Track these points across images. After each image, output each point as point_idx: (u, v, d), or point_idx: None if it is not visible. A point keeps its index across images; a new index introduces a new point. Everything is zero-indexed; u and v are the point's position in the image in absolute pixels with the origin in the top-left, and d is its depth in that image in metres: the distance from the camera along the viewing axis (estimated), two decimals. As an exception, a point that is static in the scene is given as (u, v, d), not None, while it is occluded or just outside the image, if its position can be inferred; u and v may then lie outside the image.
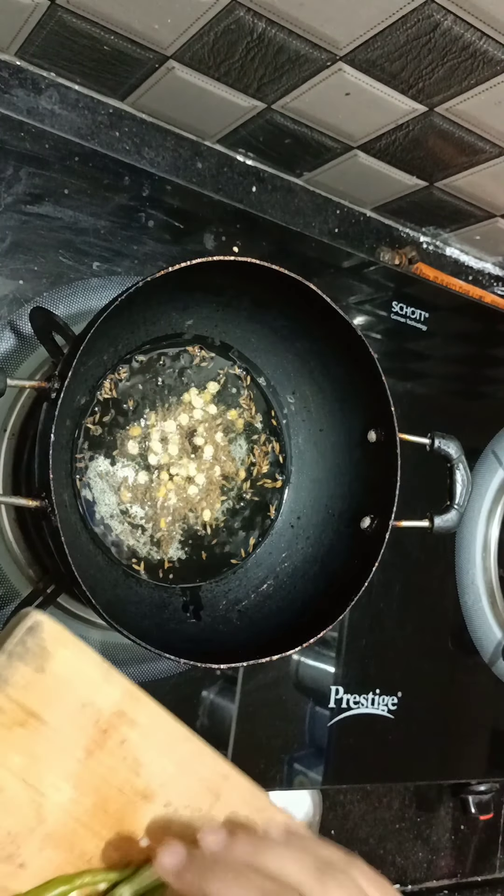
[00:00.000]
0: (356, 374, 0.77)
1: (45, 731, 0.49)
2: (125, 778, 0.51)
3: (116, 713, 0.51)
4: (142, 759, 0.52)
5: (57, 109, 0.85)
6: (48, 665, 0.49)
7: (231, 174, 0.95)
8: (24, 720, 0.48)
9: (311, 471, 0.83)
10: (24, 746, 0.48)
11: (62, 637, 0.49)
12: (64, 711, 0.49)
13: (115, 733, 0.51)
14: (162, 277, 0.66)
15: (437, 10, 0.68)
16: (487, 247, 1.10)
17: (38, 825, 0.48)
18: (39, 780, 0.48)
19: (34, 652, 0.48)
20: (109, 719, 0.51)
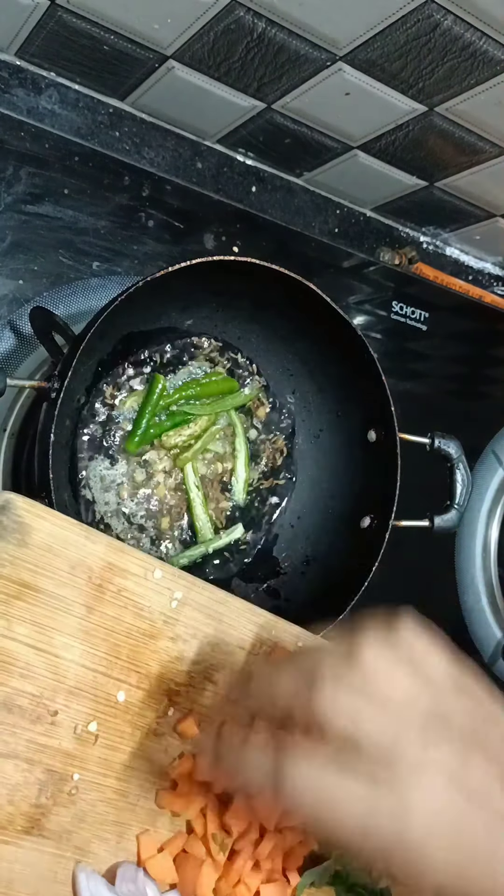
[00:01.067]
0: (356, 374, 0.77)
1: (43, 598, 0.51)
2: (130, 623, 0.55)
3: (106, 566, 0.54)
4: (140, 602, 0.55)
5: (57, 109, 0.85)
6: (29, 538, 0.51)
7: (231, 174, 0.95)
8: (19, 592, 0.50)
9: (311, 471, 0.83)
10: (25, 616, 0.50)
11: (35, 509, 0.52)
12: (55, 576, 0.52)
13: (109, 585, 0.54)
14: (162, 277, 0.66)
15: (437, 10, 0.68)
16: (487, 247, 1.10)
17: (58, 683, 0.51)
18: (49, 643, 0.51)
19: (12, 528, 0.50)
20: (101, 574, 0.54)
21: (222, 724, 0.50)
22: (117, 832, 0.53)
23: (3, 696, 0.49)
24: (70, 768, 0.51)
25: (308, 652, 0.49)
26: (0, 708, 0.49)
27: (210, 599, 0.59)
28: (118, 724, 0.54)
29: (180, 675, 0.57)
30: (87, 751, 0.52)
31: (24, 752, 0.49)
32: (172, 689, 0.56)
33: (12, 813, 0.48)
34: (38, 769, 0.50)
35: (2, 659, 0.49)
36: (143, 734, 0.54)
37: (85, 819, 0.51)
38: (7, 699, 0.49)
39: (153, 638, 0.56)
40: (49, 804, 0.50)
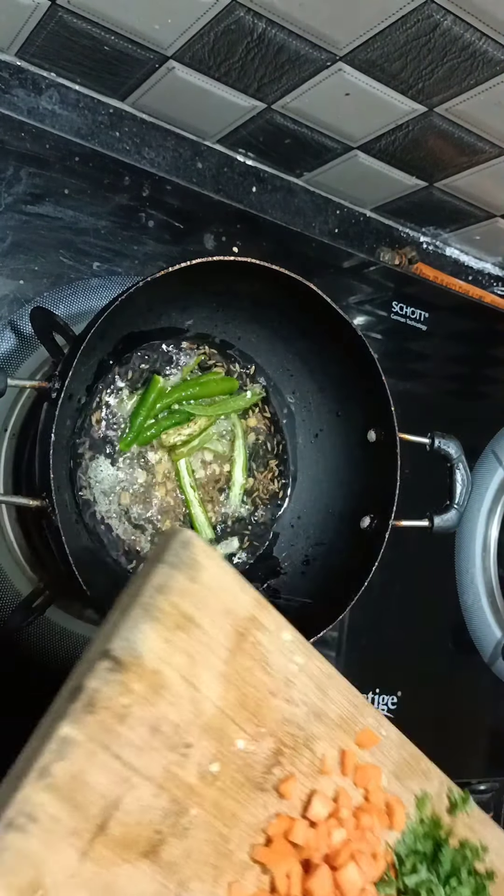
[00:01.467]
0: (356, 374, 0.77)
1: (199, 634, 0.53)
2: (259, 676, 0.57)
3: (250, 618, 0.56)
4: (269, 658, 0.58)
5: (57, 109, 0.85)
6: (198, 575, 0.54)
7: (231, 174, 0.95)
8: (183, 624, 0.53)
9: (311, 471, 0.83)
10: (183, 647, 0.53)
11: (208, 551, 0.55)
12: (212, 616, 0.54)
13: (249, 636, 0.56)
14: (162, 277, 0.66)
15: (437, 10, 0.68)
16: (487, 247, 1.10)
17: (196, 718, 0.53)
18: (196, 678, 0.53)
19: (187, 563, 0.53)
20: (245, 624, 0.56)
21: None
22: (213, 876, 0.54)
23: (153, 718, 0.51)
24: (190, 803, 0.52)
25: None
26: (148, 729, 0.50)
27: (321, 672, 0.61)
28: (233, 770, 0.55)
29: (288, 736, 0.58)
30: (206, 790, 0.53)
31: (158, 777, 0.51)
32: (279, 749, 0.58)
33: (139, 834, 0.49)
34: (165, 796, 0.51)
35: (158, 682, 0.51)
36: (251, 787, 0.56)
37: (191, 856, 0.52)
38: (155, 722, 0.51)
39: (273, 695, 0.57)
40: (167, 833, 0.51)
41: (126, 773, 0.49)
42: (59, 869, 0.46)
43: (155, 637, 0.51)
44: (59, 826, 0.46)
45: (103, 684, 0.49)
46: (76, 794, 0.47)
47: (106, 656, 0.50)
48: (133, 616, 0.51)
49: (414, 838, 0.64)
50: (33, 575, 0.76)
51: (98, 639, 0.51)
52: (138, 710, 0.50)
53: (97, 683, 0.49)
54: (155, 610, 0.52)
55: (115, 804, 0.48)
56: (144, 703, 0.50)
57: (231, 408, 0.80)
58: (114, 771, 0.49)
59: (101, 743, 0.48)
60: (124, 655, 0.50)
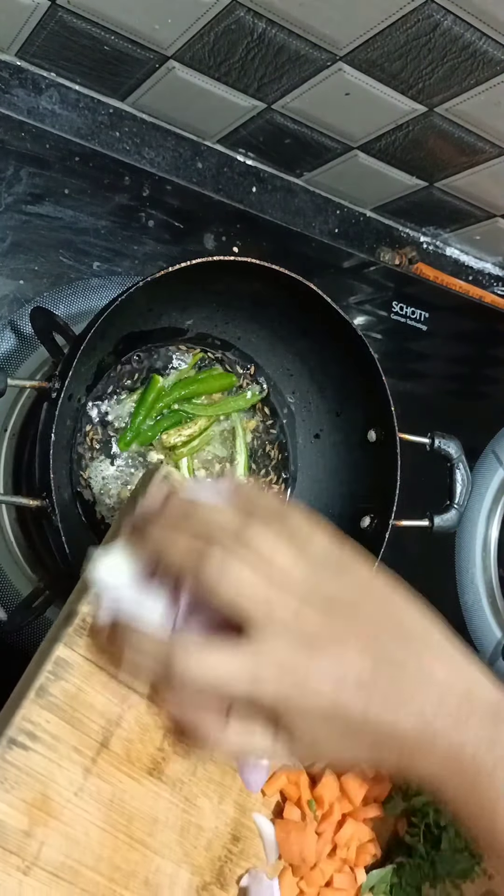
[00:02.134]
0: (356, 374, 0.77)
1: None
2: None
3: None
4: None
5: (57, 109, 0.85)
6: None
7: (231, 174, 0.95)
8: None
9: (311, 471, 0.83)
10: None
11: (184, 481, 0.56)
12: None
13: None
14: (162, 277, 0.66)
15: (437, 10, 0.68)
16: (487, 247, 1.10)
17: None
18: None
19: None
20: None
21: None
22: (219, 793, 0.56)
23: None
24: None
25: (201, 513, 0.49)
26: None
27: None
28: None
29: None
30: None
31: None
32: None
33: (140, 751, 0.51)
34: (164, 715, 0.52)
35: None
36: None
37: (195, 773, 0.54)
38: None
39: None
40: (168, 751, 0.53)
41: (124, 692, 0.50)
42: (66, 784, 0.47)
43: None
44: (60, 743, 0.48)
45: (95, 608, 0.50)
46: (76, 712, 0.48)
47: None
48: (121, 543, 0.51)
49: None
50: (33, 575, 0.76)
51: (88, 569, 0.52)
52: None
53: (89, 608, 0.50)
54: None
55: (116, 722, 0.50)
56: None
57: (231, 408, 0.80)
58: (112, 690, 0.50)
59: (97, 663, 0.50)
60: None
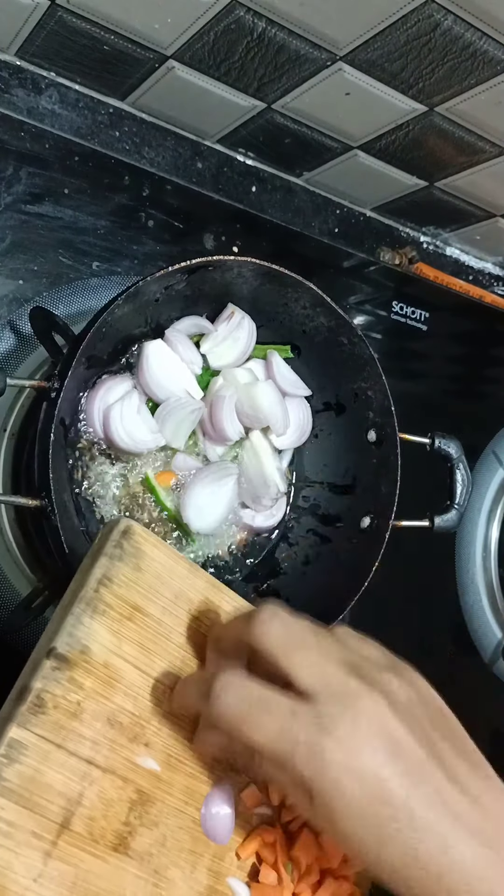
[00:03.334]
0: (356, 374, 0.77)
1: (149, 622, 0.53)
2: None
3: (203, 601, 0.57)
4: None
5: (57, 109, 0.85)
6: (143, 563, 0.54)
7: (231, 174, 0.95)
8: (131, 614, 0.53)
9: (311, 471, 0.83)
10: (133, 637, 0.52)
11: (150, 538, 0.55)
12: (162, 604, 0.54)
13: (204, 619, 0.56)
14: (161, 277, 0.66)
15: (437, 10, 0.68)
16: (487, 247, 1.10)
17: (155, 707, 0.53)
18: (150, 667, 0.53)
19: (130, 553, 0.53)
20: (199, 607, 0.56)
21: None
22: (191, 861, 0.53)
23: (108, 711, 0.50)
24: (158, 791, 0.52)
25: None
26: (105, 723, 0.50)
27: None
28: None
29: None
30: (174, 777, 0.53)
31: (120, 770, 0.50)
32: None
33: (104, 828, 0.49)
34: (130, 788, 0.51)
35: (109, 675, 0.51)
36: (221, 768, 0.56)
37: (165, 844, 0.52)
38: (111, 714, 0.50)
39: None
40: (136, 824, 0.51)
41: (85, 768, 0.49)
42: (23, 872, 0.45)
43: (102, 630, 0.51)
44: (17, 830, 0.45)
45: (50, 683, 0.48)
46: (32, 795, 0.46)
47: (51, 654, 0.49)
48: (76, 612, 0.51)
49: None
50: (33, 575, 0.76)
51: (42, 639, 0.51)
52: (92, 705, 0.50)
53: (43, 683, 0.48)
54: (99, 603, 0.51)
55: (77, 800, 0.48)
56: (98, 697, 0.50)
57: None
58: (71, 768, 0.48)
59: (54, 742, 0.48)
60: (69, 652, 0.49)
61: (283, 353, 0.79)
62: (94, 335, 0.64)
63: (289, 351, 0.79)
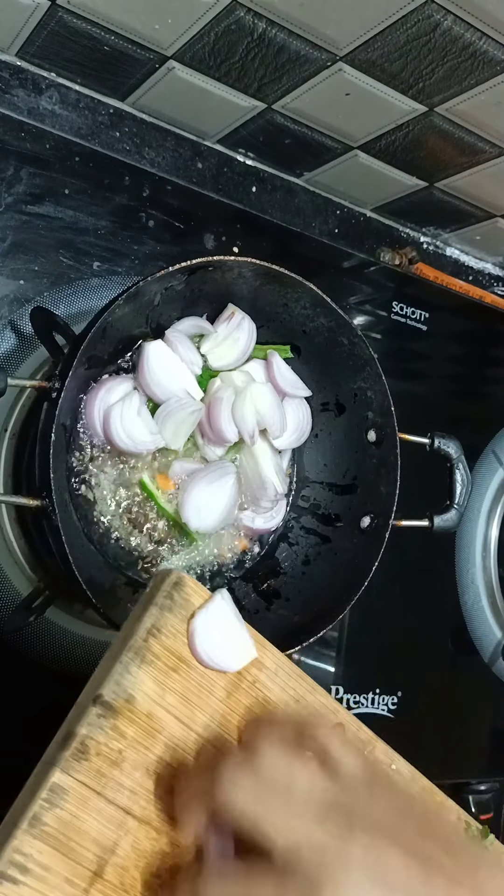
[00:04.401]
0: (356, 374, 0.77)
1: (194, 675, 0.54)
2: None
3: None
4: (269, 696, 0.58)
5: (57, 109, 0.85)
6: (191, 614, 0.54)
7: (231, 174, 0.95)
8: (177, 665, 0.53)
9: (312, 471, 0.83)
10: (177, 689, 0.53)
11: (201, 590, 0.55)
12: None
13: (247, 675, 0.56)
14: (162, 277, 0.66)
15: (437, 11, 0.68)
16: (487, 247, 1.10)
17: (193, 761, 0.53)
18: (192, 720, 0.53)
19: (180, 604, 0.54)
20: None
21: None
22: None
23: (148, 761, 0.51)
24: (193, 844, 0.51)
25: (211, 753, 0.52)
26: (144, 773, 0.50)
27: (324, 706, 0.61)
28: None
29: None
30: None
31: (155, 821, 0.50)
32: None
33: (135, 878, 0.49)
34: (164, 840, 0.51)
35: (152, 725, 0.51)
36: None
37: None
38: (151, 765, 0.51)
39: None
40: (166, 877, 0.50)
41: (121, 817, 0.49)
42: None
43: (147, 680, 0.51)
44: (52, 874, 0.46)
45: (95, 730, 0.49)
46: (69, 841, 0.47)
47: (97, 702, 0.49)
48: (124, 661, 0.51)
49: None
50: (33, 575, 0.76)
51: (89, 685, 0.51)
52: (132, 755, 0.50)
53: (88, 730, 0.48)
54: (146, 653, 0.52)
55: (111, 849, 0.48)
56: (139, 747, 0.50)
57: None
58: (108, 816, 0.48)
59: (94, 789, 0.48)
60: (115, 700, 0.50)
61: (283, 354, 0.79)
62: (95, 335, 0.64)
63: (289, 351, 0.79)
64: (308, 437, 0.81)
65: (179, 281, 0.70)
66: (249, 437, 0.75)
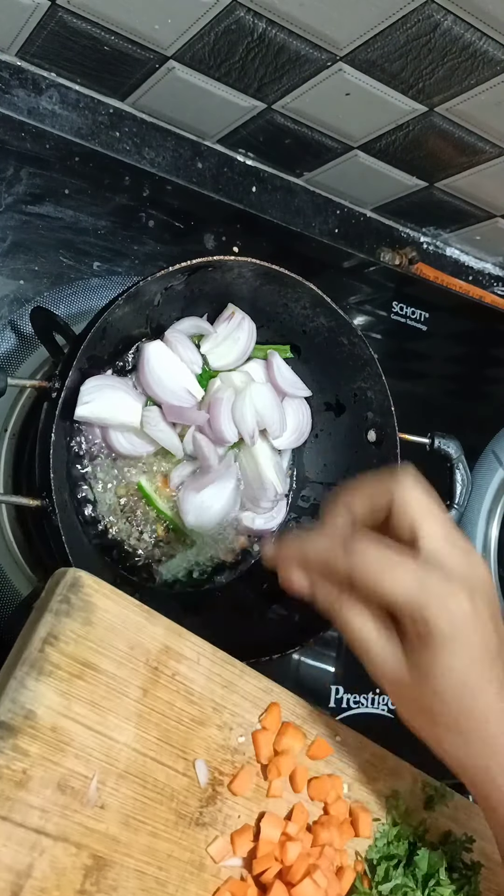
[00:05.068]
0: (356, 374, 0.77)
1: (102, 678, 0.51)
2: (181, 708, 0.55)
3: (163, 650, 0.54)
4: (192, 687, 0.55)
5: (57, 109, 0.85)
6: (94, 616, 0.51)
7: (231, 174, 0.95)
8: (81, 672, 0.50)
9: (312, 471, 0.83)
10: (84, 696, 0.50)
11: (102, 588, 0.52)
12: (116, 657, 0.52)
13: (165, 669, 0.54)
14: (162, 277, 0.66)
15: (437, 11, 0.68)
16: (487, 247, 1.10)
17: (110, 766, 0.51)
18: (104, 725, 0.51)
19: (79, 606, 0.51)
20: (158, 656, 0.54)
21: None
22: None
23: (58, 776, 0.48)
24: (116, 854, 0.50)
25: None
26: (55, 789, 0.48)
27: (256, 688, 0.59)
28: (163, 811, 0.53)
29: (225, 763, 0.56)
30: (133, 837, 0.51)
31: (73, 836, 0.48)
32: (216, 778, 0.55)
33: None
34: (85, 853, 0.49)
35: (59, 739, 0.49)
36: (186, 823, 0.54)
37: None
38: (62, 780, 0.48)
39: (202, 725, 0.55)
40: (92, 891, 0.48)
41: (34, 838, 0.46)
42: None
43: (48, 692, 0.48)
44: None
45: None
46: None
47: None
48: (18, 676, 0.48)
49: (386, 842, 0.62)
50: (33, 575, 0.76)
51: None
52: (39, 772, 0.47)
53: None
54: (44, 664, 0.49)
55: (26, 873, 0.46)
56: (46, 763, 0.48)
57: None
58: (19, 839, 0.46)
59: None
60: (13, 719, 0.47)
61: (283, 354, 0.79)
62: (95, 335, 0.64)
63: (289, 351, 0.79)
64: (308, 437, 0.81)
65: (179, 281, 0.70)
66: (249, 437, 0.75)
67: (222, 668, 0.58)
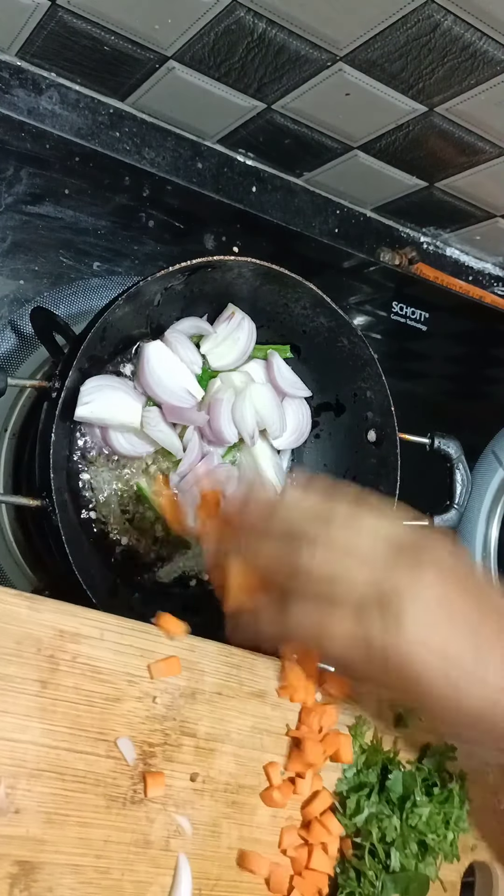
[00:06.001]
0: (356, 374, 0.77)
1: None
2: (90, 690, 0.52)
3: (56, 635, 0.51)
4: (99, 665, 0.52)
5: (57, 110, 0.85)
6: None
7: (231, 174, 0.95)
8: None
9: (312, 471, 0.83)
10: None
11: None
12: (4, 655, 0.49)
13: (62, 654, 0.51)
14: (162, 277, 0.66)
15: (437, 11, 0.68)
16: (487, 247, 1.10)
17: (18, 768, 0.48)
18: (2, 729, 0.48)
19: None
20: (51, 643, 0.51)
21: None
22: None
23: None
24: (43, 855, 0.47)
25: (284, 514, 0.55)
26: None
27: (176, 648, 0.56)
28: (91, 798, 0.50)
29: (155, 733, 0.54)
30: (60, 833, 0.48)
31: None
32: (147, 752, 0.53)
33: None
34: (7, 862, 0.45)
35: None
36: (120, 805, 0.51)
37: None
38: None
39: (118, 701, 0.53)
40: None
41: None
42: None
43: None
44: None
45: None
46: None
47: None
48: None
49: (356, 771, 0.60)
50: (33, 575, 0.76)
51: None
52: None
53: None
54: None
55: None
56: None
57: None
58: None
59: None
60: None
61: (283, 354, 0.79)
62: (95, 335, 0.64)
63: (289, 351, 0.79)
64: (308, 437, 0.81)
65: (179, 281, 0.70)
66: (249, 437, 0.75)
67: (134, 638, 0.54)
